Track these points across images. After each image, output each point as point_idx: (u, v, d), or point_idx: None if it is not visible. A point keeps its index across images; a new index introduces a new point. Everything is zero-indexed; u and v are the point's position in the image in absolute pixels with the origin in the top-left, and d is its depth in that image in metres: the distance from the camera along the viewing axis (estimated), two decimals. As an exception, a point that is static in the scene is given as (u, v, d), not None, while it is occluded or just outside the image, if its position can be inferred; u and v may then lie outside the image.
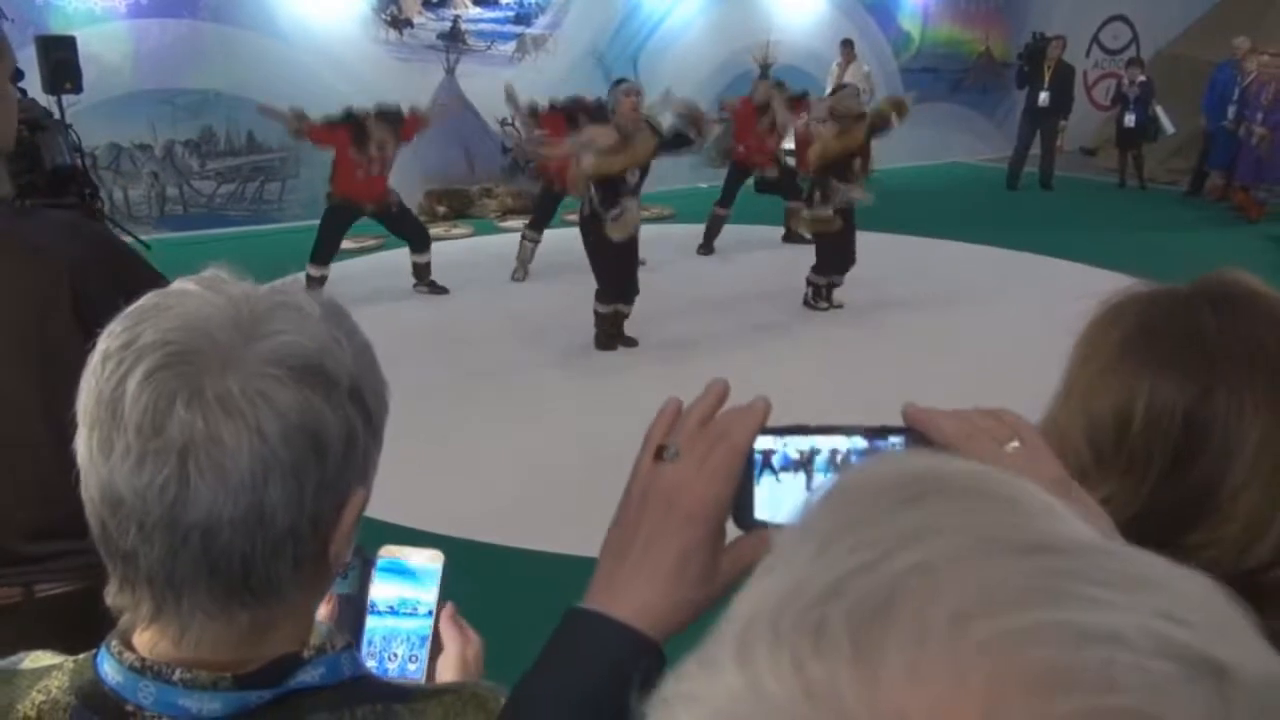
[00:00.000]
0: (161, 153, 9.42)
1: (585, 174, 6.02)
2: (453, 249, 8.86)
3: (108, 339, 0.70)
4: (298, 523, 0.70)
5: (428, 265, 7.56)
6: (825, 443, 0.69)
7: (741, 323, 6.81)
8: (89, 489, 0.70)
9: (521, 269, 8.01)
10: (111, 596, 0.74)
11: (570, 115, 7.82)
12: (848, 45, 12.30)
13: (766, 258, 8.72)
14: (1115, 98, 12.36)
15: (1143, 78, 11.79)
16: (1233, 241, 9.26)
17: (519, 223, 9.72)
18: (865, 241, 7.23)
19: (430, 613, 1.02)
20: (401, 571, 1.02)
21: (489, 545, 4.05)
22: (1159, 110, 11.63)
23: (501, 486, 4.56)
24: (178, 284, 0.72)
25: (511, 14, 10.98)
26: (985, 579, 0.29)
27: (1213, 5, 13.67)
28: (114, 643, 0.74)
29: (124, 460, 0.67)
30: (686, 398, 0.73)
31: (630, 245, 6.20)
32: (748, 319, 6.90)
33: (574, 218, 6.59)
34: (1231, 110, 10.92)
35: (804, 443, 0.69)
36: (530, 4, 11.07)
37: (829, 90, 12.36)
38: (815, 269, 7.08)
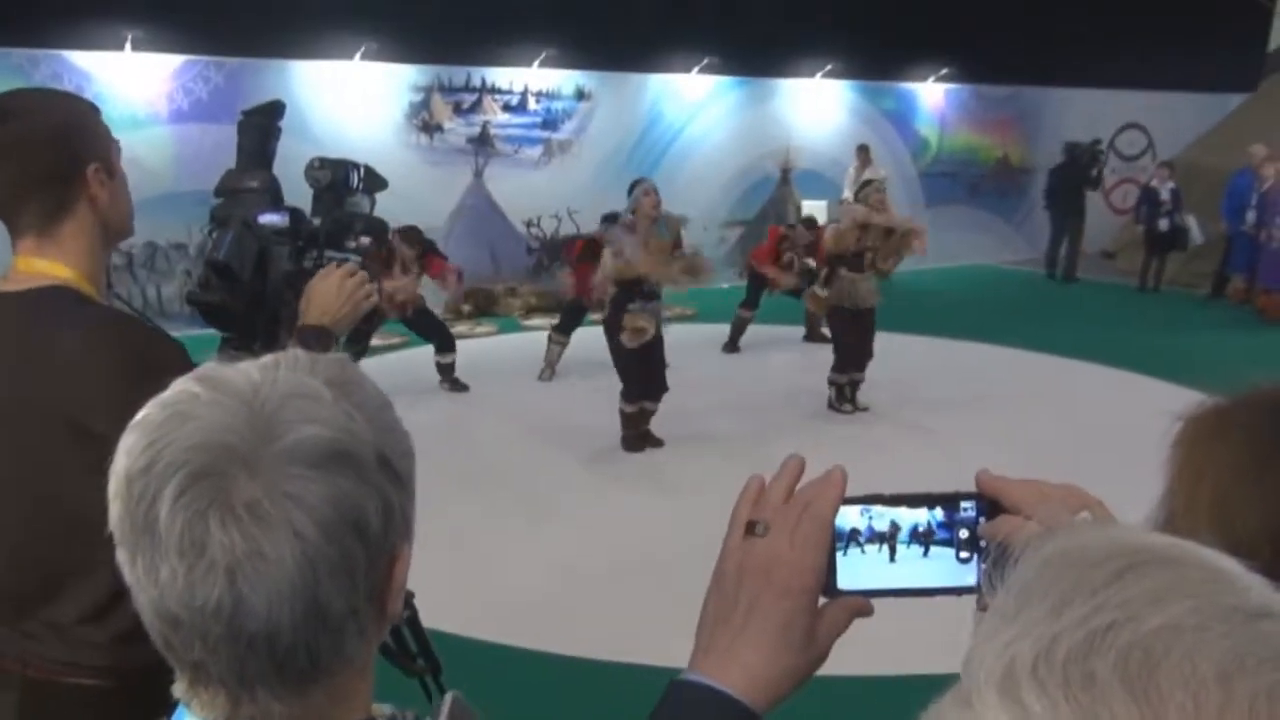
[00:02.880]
0: (195, 251, 9.64)
1: (607, 276, 6.15)
2: (477, 347, 8.95)
3: (127, 457, 0.69)
4: (355, 601, 0.71)
5: (452, 365, 7.64)
6: (907, 515, 0.74)
7: (765, 423, 6.80)
8: (143, 608, 0.71)
9: (549, 369, 8.07)
10: (181, 691, 0.74)
11: (590, 245, 8.06)
12: (863, 150, 12.59)
13: (788, 358, 8.76)
14: (1140, 201, 12.41)
15: (1172, 184, 11.84)
16: (1259, 344, 9.22)
17: (543, 321, 9.86)
18: (887, 342, 7.26)
19: None
20: None
21: (509, 647, 3.99)
22: (1190, 220, 11.72)
23: (522, 588, 4.51)
24: (181, 387, 0.72)
25: (539, 120, 11.32)
26: (1234, 641, 0.34)
27: (1226, 115, 13.91)
28: (194, 702, 0.75)
29: (173, 584, 0.67)
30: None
31: (654, 345, 6.25)
32: (771, 420, 6.89)
33: (599, 317, 6.67)
34: (1251, 215, 11.02)
35: (886, 516, 0.74)
36: (557, 111, 11.41)
37: (845, 193, 12.64)
38: (835, 368, 7.10)
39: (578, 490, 5.76)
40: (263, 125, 1.90)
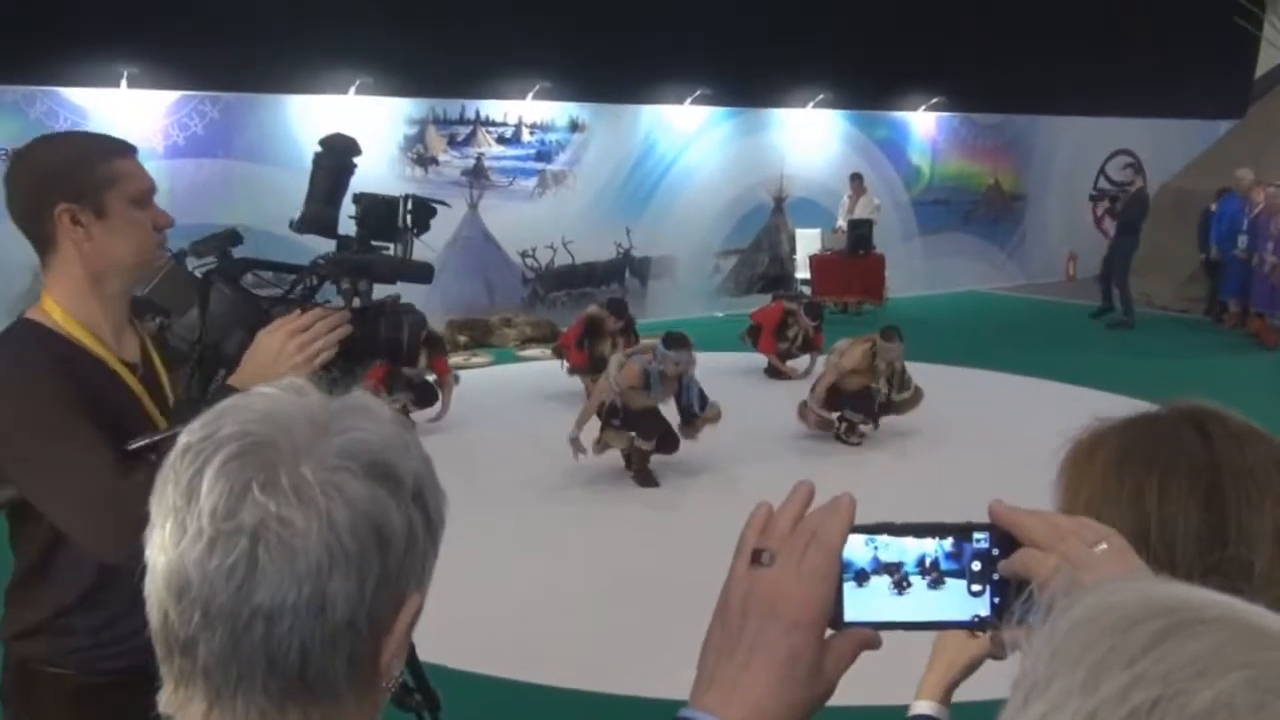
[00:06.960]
0: (190, 285, 9.65)
1: (612, 382, 6.27)
2: (473, 377, 8.93)
3: (188, 434, 0.73)
4: (356, 616, 0.71)
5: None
6: (913, 546, 0.71)
7: (757, 453, 6.77)
8: (155, 578, 0.72)
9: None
10: (164, 702, 0.74)
11: (591, 327, 8.05)
12: (857, 179, 12.65)
13: (769, 389, 8.75)
14: (1205, 228, 11.86)
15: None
16: (1250, 367, 9.24)
17: (538, 351, 9.86)
18: (883, 369, 7.25)
19: None
20: None
21: (509, 681, 3.95)
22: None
23: (523, 621, 4.47)
24: (260, 389, 0.76)
25: (533, 152, 11.38)
26: None
27: (1216, 140, 14.02)
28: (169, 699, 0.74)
29: (195, 543, 0.69)
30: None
31: (653, 408, 6.30)
32: (764, 450, 6.87)
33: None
34: (1243, 240, 11.08)
35: (892, 547, 0.71)
36: (551, 142, 11.48)
37: (839, 221, 12.66)
38: (854, 409, 7.07)
39: (575, 522, 5.73)
40: (330, 165, 1.92)
